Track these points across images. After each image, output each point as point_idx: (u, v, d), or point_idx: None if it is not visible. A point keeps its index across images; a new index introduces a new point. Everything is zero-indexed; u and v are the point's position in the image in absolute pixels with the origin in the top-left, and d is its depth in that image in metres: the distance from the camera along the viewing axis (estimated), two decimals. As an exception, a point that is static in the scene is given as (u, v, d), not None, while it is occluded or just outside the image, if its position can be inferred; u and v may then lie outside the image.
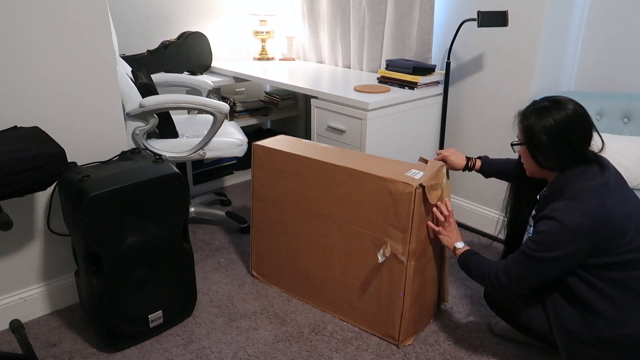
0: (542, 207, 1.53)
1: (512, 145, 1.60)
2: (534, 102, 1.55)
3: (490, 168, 1.97)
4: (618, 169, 2.21)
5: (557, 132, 1.46)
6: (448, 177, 1.85)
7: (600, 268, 1.43)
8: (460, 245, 1.73)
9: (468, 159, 1.97)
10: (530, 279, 1.49)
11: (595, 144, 1.52)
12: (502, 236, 1.86)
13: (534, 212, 1.65)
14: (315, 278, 2.02)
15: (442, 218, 1.76)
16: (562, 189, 1.47)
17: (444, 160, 1.96)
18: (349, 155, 1.90)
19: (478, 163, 1.98)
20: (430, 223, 1.77)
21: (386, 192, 1.71)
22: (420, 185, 1.66)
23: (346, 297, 1.94)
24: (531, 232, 1.63)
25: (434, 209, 1.76)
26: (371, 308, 1.87)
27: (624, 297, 1.43)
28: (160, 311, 1.85)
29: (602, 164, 1.50)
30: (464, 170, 1.97)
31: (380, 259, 1.74)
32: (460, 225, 2.73)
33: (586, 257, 1.42)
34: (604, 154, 1.55)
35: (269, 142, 2.07)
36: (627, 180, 2.20)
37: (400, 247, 1.72)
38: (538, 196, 1.62)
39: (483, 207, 2.69)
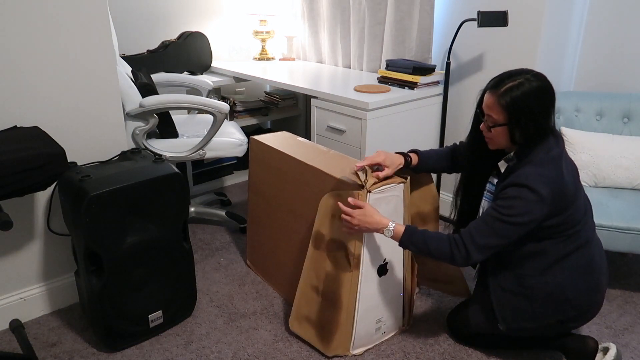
0: (507, 174, 1.56)
1: (490, 128, 1.53)
2: (500, 80, 1.50)
3: (427, 162, 1.83)
4: (618, 169, 2.24)
5: (538, 106, 1.47)
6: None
7: (549, 229, 1.52)
8: (393, 224, 1.56)
9: (404, 155, 1.77)
10: (496, 243, 1.50)
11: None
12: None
13: (495, 180, 1.64)
14: (289, 274, 2.03)
15: (347, 210, 1.57)
16: (527, 157, 1.51)
17: (379, 166, 1.69)
18: (326, 156, 1.87)
19: (415, 159, 1.81)
20: (343, 216, 1.58)
21: (340, 193, 1.66)
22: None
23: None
24: (490, 198, 1.64)
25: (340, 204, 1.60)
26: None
27: (556, 251, 1.55)
28: (160, 311, 1.85)
29: (555, 134, 1.55)
30: (404, 169, 1.76)
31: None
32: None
33: (544, 220, 1.50)
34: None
35: (264, 137, 2.10)
36: (627, 180, 2.22)
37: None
38: (500, 165, 1.62)
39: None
